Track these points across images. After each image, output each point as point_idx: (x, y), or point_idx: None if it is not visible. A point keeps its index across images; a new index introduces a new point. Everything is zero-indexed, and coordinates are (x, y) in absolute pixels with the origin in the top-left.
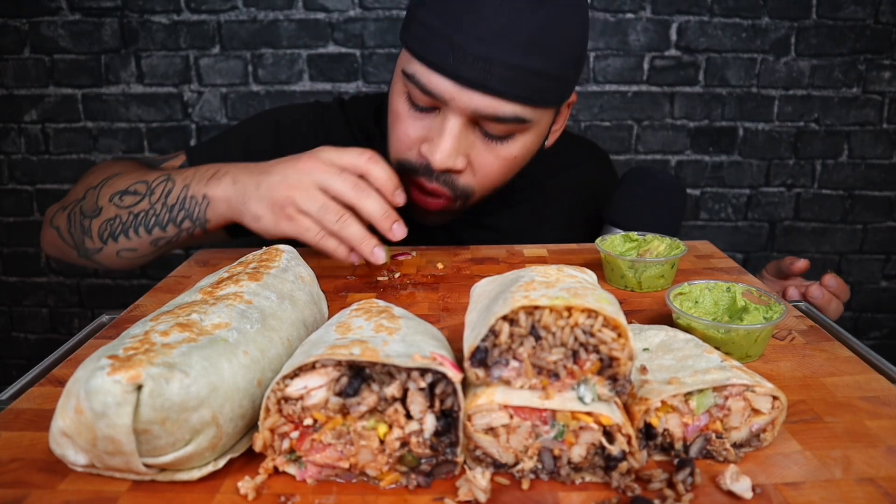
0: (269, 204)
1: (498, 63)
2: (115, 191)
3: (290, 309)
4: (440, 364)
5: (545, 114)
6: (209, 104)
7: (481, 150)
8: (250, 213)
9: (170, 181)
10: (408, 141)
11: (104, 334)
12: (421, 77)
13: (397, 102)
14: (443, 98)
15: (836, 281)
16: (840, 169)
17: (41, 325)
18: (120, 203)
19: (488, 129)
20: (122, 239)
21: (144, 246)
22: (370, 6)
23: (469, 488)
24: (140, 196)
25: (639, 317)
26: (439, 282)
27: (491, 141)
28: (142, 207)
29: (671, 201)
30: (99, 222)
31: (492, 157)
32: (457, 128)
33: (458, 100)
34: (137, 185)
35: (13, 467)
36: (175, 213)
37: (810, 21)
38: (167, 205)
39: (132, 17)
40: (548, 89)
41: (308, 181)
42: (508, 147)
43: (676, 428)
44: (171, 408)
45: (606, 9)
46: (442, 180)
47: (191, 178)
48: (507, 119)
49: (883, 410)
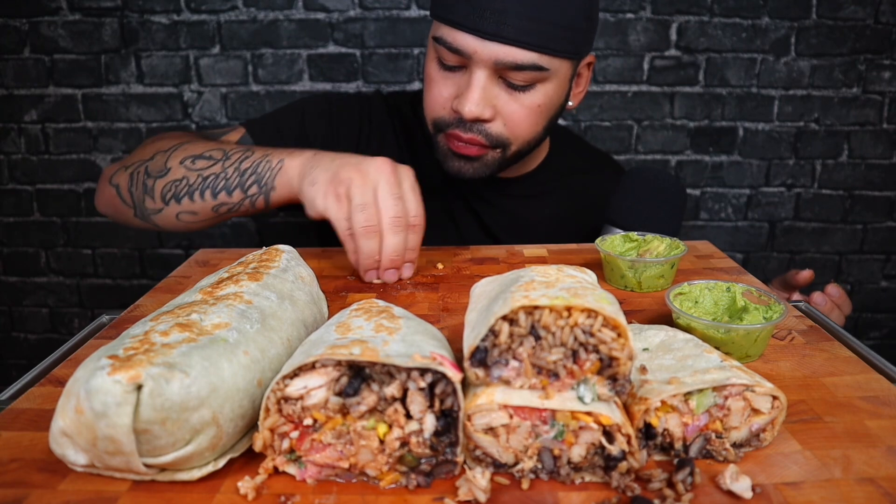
0: (332, 175)
1: (513, 15)
2: (189, 154)
3: (290, 309)
4: (440, 364)
5: (563, 65)
6: (209, 104)
7: (507, 100)
8: (311, 176)
9: (249, 150)
10: (441, 100)
11: (104, 334)
12: (447, 37)
13: (430, 67)
14: (467, 52)
15: (839, 291)
16: (840, 169)
17: (41, 325)
18: (191, 166)
19: (511, 79)
20: (185, 201)
21: (206, 210)
22: (370, 6)
23: (469, 488)
24: (213, 161)
25: (639, 317)
26: (439, 282)
27: (515, 90)
28: (213, 171)
29: (671, 201)
30: (164, 182)
31: (517, 106)
32: (482, 79)
33: (481, 52)
34: (214, 151)
35: (13, 467)
36: (246, 177)
37: (810, 21)
38: (240, 169)
39: (132, 17)
40: (561, 38)
41: (374, 178)
42: (532, 96)
43: (676, 428)
44: (171, 408)
45: (606, 9)
46: (476, 130)
47: (273, 150)
48: (526, 66)
49: (883, 410)
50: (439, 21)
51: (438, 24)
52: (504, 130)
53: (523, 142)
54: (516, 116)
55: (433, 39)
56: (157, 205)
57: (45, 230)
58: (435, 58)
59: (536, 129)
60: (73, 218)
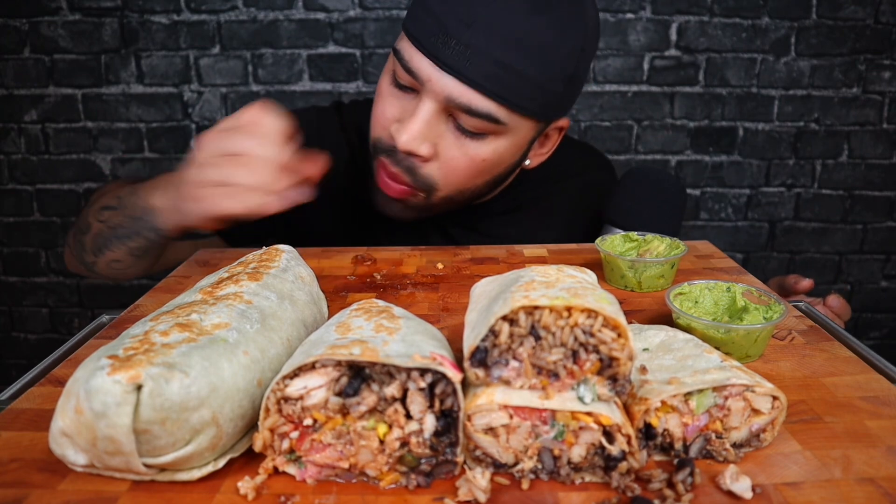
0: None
1: (480, 53)
2: (100, 206)
3: (290, 309)
4: (440, 364)
5: (523, 123)
6: (209, 104)
7: (451, 142)
8: (181, 212)
9: (134, 193)
10: (383, 120)
11: (104, 334)
12: (405, 53)
13: (382, 80)
14: (420, 77)
15: (840, 302)
16: (840, 169)
17: (41, 325)
18: (100, 218)
19: (461, 122)
20: (106, 252)
21: (125, 257)
22: (370, 6)
23: (469, 488)
24: (114, 209)
25: (639, 317)
26: (439, 282)
27: (462, 135)
28: (116, 221)
29: (671, 201)
30: (89, 238)
31: (459, 153)
32: (429, 112)
33: (435, 82)
34: (112, 199)
35: (13, 467)
36: (138, 224)
37: (810, 21)
38: (132, 217)
39: (132, 17)
40: (529, 96)
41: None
42: (479, 147)
43: (676, 428)
44: (171, 408)
45: (606, 9)
46: (404, 165)
47: (145, 189)
48: (479, 113)
49: (883, 410)
50: (405, 32)
51: (403, 36)
52: (436, 173)
53: (454, 191)
54: (454, 163)
55: (393, 50)
56: (91, 258)
57: (45, 230)
58: (390, 70)
59: (474, 183)
60: (72, 218)
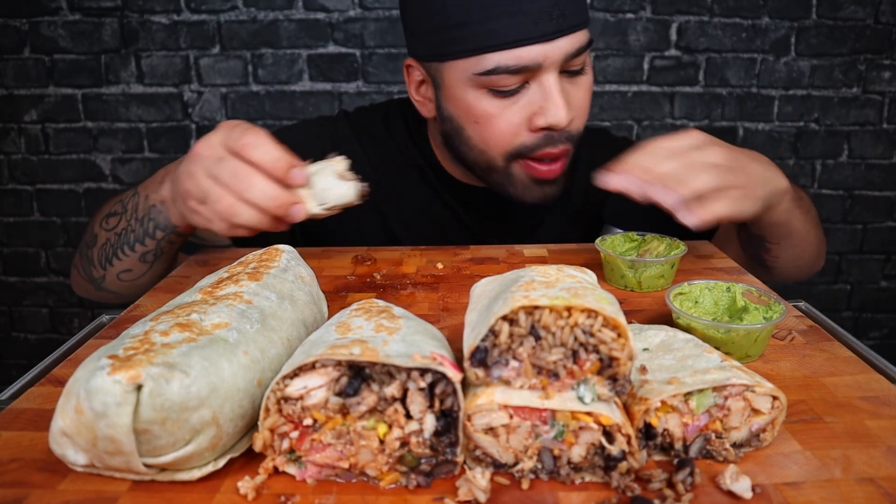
0: (181, 199)
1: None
2: (103, 215)
3: (290, 309)
4: (440, 364)
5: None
6: (209, 104)
7: (572, 90)
8: (179, 213)
9: (137, 194)
10: (512, 129)
11: (104, 334)
12: (507, 61)
13: (480, 106)
14: (535, 64)
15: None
16: (840, 169)
17: (41, 325)
18: (106, 226)
19: (571, 67)
20: (115, 262)
21: (135, 264)
22: (370, 6)
23: (469, 488)
24: (118, 216)
25: (639, 317)
26: (439, 282)
27: (575, 77)
28: (122, 227)
29: None
30: (96, 250)
31: (581, 92)
32: (557, 83)
33: (551, 55)
34: (115, 205)
35: (13, 467)
36: (146, 225)
37: (810, 21)
38: (139, 219)
39: (132, 17)
40: (584, 8)
41: (198, 169)
42: (587, 76)
43: (676, 428)
44: (171, 408)
45: (606, 9)
46: (564, 138)
47: (148, 185)
48: (583, 48)
49: (883, 410)
50: (473, 54)
51: (475, 60)
52: (578, 123)
53: (583, 129)
54: (583, 103)
55: (480, 75)
56: (99, 272)
57: (45, 230)
58: (483, 93)
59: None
60: (73, 218)
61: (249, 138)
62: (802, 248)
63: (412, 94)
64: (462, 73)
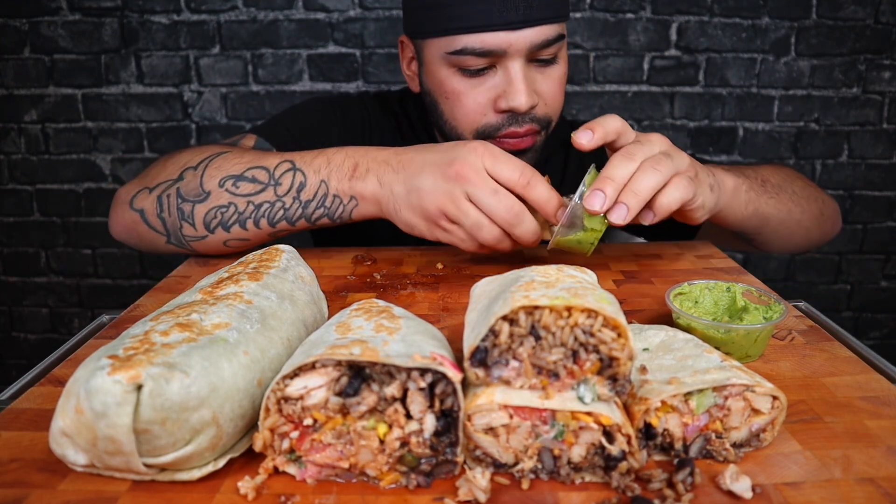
0: (422, 216)
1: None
2: (226, 174)
3: (290, 309)
4: (440, 364)
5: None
6: (209, 104)
7: (541, 79)
8: (403, 222)
9: (298, 172)
10: (478, 108)
11: (104, 334)
12: (473, 44)
13: (450, 83)
14: (499, 50)
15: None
16: (840, 169)
17: (41, 325)
18: (234, 190)
19: (541, 57)
20: (235, 229)
21: (261, 237)
22: (370, 6)
23: (469, 488)
24: (261, 185)
25: (639, 317)
26: (439, 282)
27: (545, 67)
28: (265, 198)
29: None
30: (206, 208)
31: (550, 82)
32: (521, 70)
33: (516, 43)
34: (255, 170)
35: (13, 467)
36: (311, 209)
37: (810, 21)
38: (301, 200)
39: (132, 17)
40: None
41: (459, 192)
42: (558, 67)
43: (676, 428)
44: (171, 408)
45: (606, 9)
46: (529, 119)
47: (325, 170)
48: (553, 40)
49: (883, 410)
50: (446, 34)
51: (448, 39)
52: (547, 110)
53: (557, 116)
54: (552, 92)
55: (450, 54)
56: (199, 232)
57: (45, 230)
58: (453, 72)
59: (562, 99)
60: (72, 218)
61: (529, 175)
62: (789, 228)
63: (404, 69)
64: (437, 50)
